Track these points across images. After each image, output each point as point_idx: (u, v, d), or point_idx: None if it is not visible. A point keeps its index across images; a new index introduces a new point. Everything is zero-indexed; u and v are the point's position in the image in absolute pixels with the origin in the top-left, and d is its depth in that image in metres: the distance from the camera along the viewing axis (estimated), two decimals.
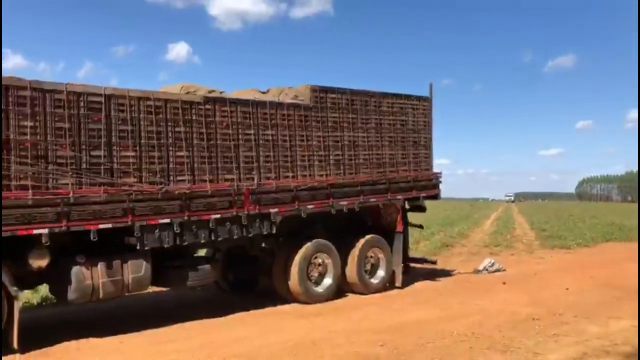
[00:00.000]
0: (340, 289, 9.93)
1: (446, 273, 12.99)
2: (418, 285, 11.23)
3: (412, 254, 13.13)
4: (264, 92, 9.66)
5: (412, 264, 12.08)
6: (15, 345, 6.45)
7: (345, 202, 9.71)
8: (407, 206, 11.44)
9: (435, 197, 11.91)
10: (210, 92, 8.51)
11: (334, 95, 9.77)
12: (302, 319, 8.29)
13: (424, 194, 11.40)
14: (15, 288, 6.51)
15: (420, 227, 12.93)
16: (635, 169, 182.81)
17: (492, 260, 13.59)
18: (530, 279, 11.95)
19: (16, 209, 6.42)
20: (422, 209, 11.90)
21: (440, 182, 11.89)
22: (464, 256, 17.01)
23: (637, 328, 7.37)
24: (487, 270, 13.04)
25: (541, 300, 9.27)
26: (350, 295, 9.99)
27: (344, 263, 9.91)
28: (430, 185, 11.59)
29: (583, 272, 12.74)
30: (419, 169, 11.34)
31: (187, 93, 8.20)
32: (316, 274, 9.47)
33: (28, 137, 6.58)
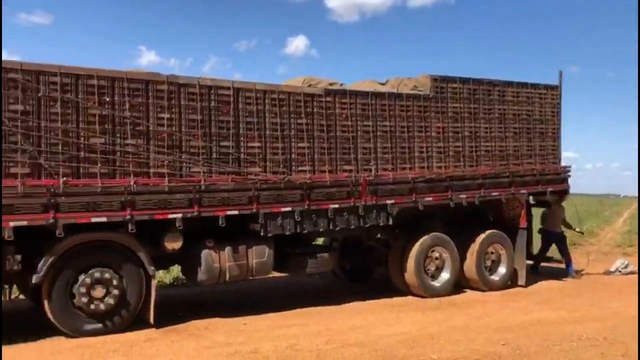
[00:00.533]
0: (458, 285, 9.69)
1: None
2: (543, 284, 10.65)
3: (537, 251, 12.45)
4: (382, 83, 9.63)
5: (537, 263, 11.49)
6: (151, 320, 7.03)
7: (464, 195, 9.43)
8: (532, 201, 10.88)
9: (564, 192, 11.19)
10: (330, 84, 8.65)
11: (455, 85, 9.49)
12: (419, 312, 8.21)
13: (551, 189, 10.75)
14: (152, 268, 7.09)
15: (581, 233, 12.23)
16: None
17: (626, 262, 12.53)
18: None
19: (154, 194, 6.96)
20: (548, 205, 11.26)
21: (569, 176, 11.15)
22: (593, 256, 15.83)
23: None
24: (619, 271, 12.07)
25: None
26: (469, 292, 9.72)
27: (462, 258, 9.64)
28: (557, 180, 10.90)
29: None
30: (545, 162, 10.71)
31: (309, 86, 8.39)
32: (433, 268, 9.31)
33: (165, 128, 7.09)
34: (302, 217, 8.01)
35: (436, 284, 9.34)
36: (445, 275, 9.39)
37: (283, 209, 7.86)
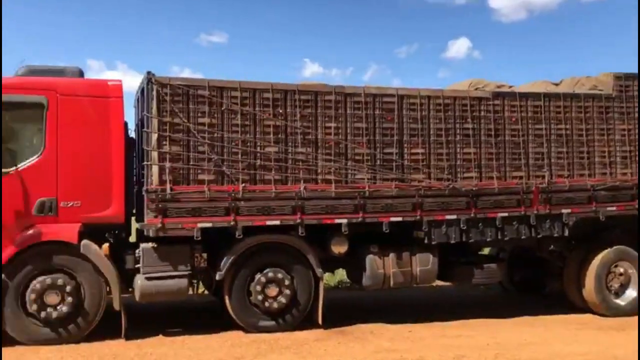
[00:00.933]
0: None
1: None
2: None
3: None
4: (556, 84, 9.00)
5: None
6: (319, 320, 7.32)
7: None
8: None
9: None
10: (498, 87, 8.31)
11: None
12: (600, 331, 7.51)
13: None
14: (320, 270, 7.38)
15: None
16: None
17: None
18: None
19: (322, 200, 7.26)
20: None
21: None
22: None
23: None
24: None
25: None
26: None
27: None
28: None
29: None
30: None
31: (476, 89, 8.15)
32: (617, 285, 8.44)
33: (332, 136, 7.37)
34: (468, 226, 7.77)
35: (621, 302, 8.45)
36: (631, 293, 8.46)
37: (448, 217, 7.70)
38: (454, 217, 7.72)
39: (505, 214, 7.90)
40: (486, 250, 10.00)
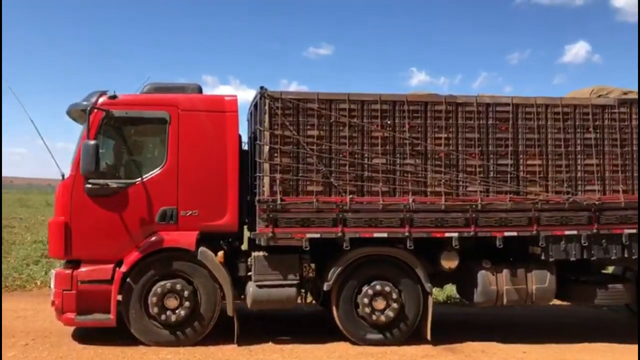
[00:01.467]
0: None
1: None
2: None
3: None
4: None
5: None
6: (428, 336, 7.14)
7: None
8: None
9: None
10: (625, 93, 7.68)
11: None
12: None
13: None
14: (429, 284, 7.21)
15: None
16: None
17: None
18: None
19: (431, 212, 7.09)
20: None
21: None
22: None
23: None
24: None
25: None
26: None
27: None
28: None
29: None
30: None
31: (599, 96, 7.60)
32: None
33: (442, 147, 7.19)
34: (590, 242, 7.25)
35: None
36: None
37: (567, 232, 7.24)
38: (574, 232, 7.25)
39: (633, 231, 7.27)
40: (610, 269, 9.28)
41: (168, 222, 7.03)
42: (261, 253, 7.03)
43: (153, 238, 6.96)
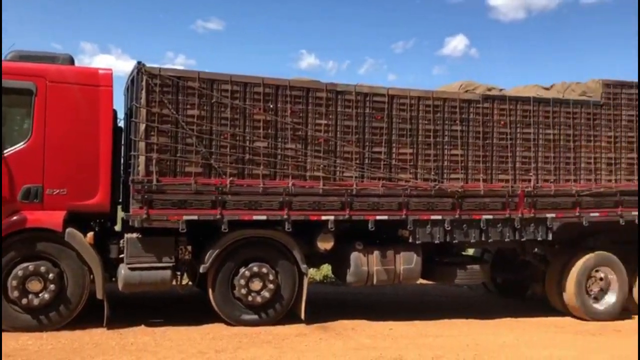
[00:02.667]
0: (626, 310, 8.80)
1: None
2: None
3: None
4: (546, 89, 9.06)
5: None
6: (302, 315, 7.37)
7: (637, 213, 8.52)
8: None
9: None
10: (489, 89, 8.35)
11: (631, 91, 8.62)
12: (578, 336, 7.62)
13: None
14: (305, 265, 7.42)
15: None
16: None
17: None
18: None
19: (310, 196, 7.28)
20: None
21: None
22: None
23: None
24: None
25: None
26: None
27: (631, 281, 8.74)
28: None
29: None
30: None
31: (466, 91, 8.18)
32: (596, 290, 8.56)
33: (322, 133, 7.38)
34: (453, 227, 7.83)
35: (599, 307, 8.57)
36: (610, 299, 8.59)
37: (433, 217, 7.76)
38: (439, 217, 7.78)
39: (490, 217, 7.97)
40: (471, 251, 10.12)
41: (32, 201, 6.59)
42: (134, 235, 6.82)
43: (14, 217, 6.50)
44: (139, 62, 6.72)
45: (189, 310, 7.73)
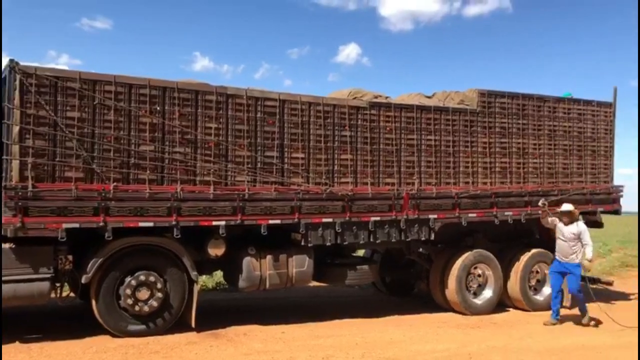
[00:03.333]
0: (502, 304, 9.50)
1: (623, 296, 11.72)
2: (589, 306, 10.28)
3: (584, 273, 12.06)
4: (429, 97, 9.58)
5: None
6: (192, 323, 7.21)
7: (510, 213, 9.25)
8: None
9: (615, 212, 10.82)
10: (376, 97, 8.66)
11: (503, 100, 9.36)
12: (459, 329, 8.09)
13: (601, 209, 10.43)
14: (195, 272, 7.27)
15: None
16: None
17: None
18: None
19: (200, 201, 7.15)
20: (598, 225, 10.89)
21: (621, 196, 10.76)
22: None
23: None
24: None
25: None
26: (512, 311, 9.50)
27: (506, 276, 9.45)
28: (608, 200, 10.55)
29: None
30: (596, 181, 10.39)
31: (354, 98, 8.44)
32: (475, 285, 9.17)
33: (212, 137, 7.28)
34: (343, 229, 8.04)
35: (478, 301, 9.18)
36: (487, 293, 9.22)
37: (324, 220, 7.92)
38: (330, 220, 7.96)
39: (378, 218, 8.28)
40: (361, 252, 10.45)
41: None
42: (7, 245, 6.33)
43: None
44: (11, 60, 6.26)
45: (70, 324, 7.28)
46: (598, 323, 8.59)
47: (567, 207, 8.62)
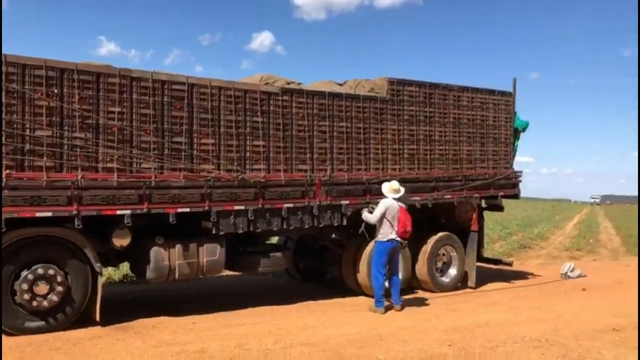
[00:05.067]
0: (410, 286, 9.82)
1: (522, 276, 12.53)
2: (491, 286, 10.90)
3: (487, 254, 12.78)
4: (340, 84, 9.66)
5: (486, 265, 11.75)
6: (97, 317, 6.87)
7: (417, 198, 9.55)
8: (484, 205, 11.12)
9: (515, 196, 11.49)
10: (288, 83, 8.61)
11: (411, 89, 9.61)
12: (371, 312, 8.27)
13: (502, 193, 11.03)
14: (99, 264, 6.92)
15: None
16: None
17: (572, 265, 12.96)
18: (613, 287, 11.30)
19: (102, 189, 6.80)
20: (499, 209, 11.54)
21: (520, 181, 11.44)
22: (542, 259, 16.35)
23: None
24: (566, 275, 12.45)
25: (624, 311, 8.72)
26: (420, 293, 9.86)
27: (414, 260, 9.78)
28: (509, 185, 11.18)
29: None
30: (497, 167, 10.97)
31: (266, 84, 8.34)
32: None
33: (115, 122, 6.93)
34: (256, 216, 7.96)
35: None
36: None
37: (236, 208, 7.80)
38: (242, 207, 7.84)
39: (291, 205, 8.26)
40: (275, 240, 10.43)
41: None
42: None
43: None
44: None
45: None
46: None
47: (394, 185, 8.59)
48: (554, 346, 6.60)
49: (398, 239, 8.30)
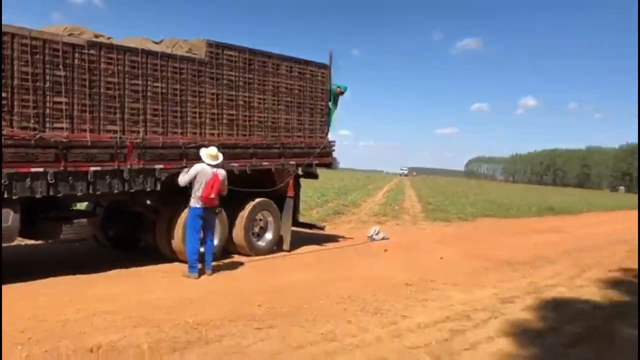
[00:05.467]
0: (227, 251, 9.89)
1: (334, 239, 13.35)
2: (304, 249, 11.44)
3: (304, 219, 13.37)
4: (157, 42, 9.20)
5: (301, 229, 12.29)
6: None
7: (236, 164, 9.58)
8: (300, 172, 11.54)
9: (329, 165, 12.12)
10: (96, 36, 7.95)
11: (230, 53, 9.51)
12: (184, 278, 8.17)
13: (317, 162, 11.55)
14: None
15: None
16: (520, 152, 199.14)
17: (377, 229, 14.14)
18: (411, 248, 12.59)
19: None
20: (314, 176, 12.08)
21: (333, 150, 12.08)
22: (353, 224, 17.57)
23: (497, 295, 8.04)
24: (372, 238, 13.55)
25: (417, 268, 9.81)
26: (236, 257, 9.98)
27: (231, 224, 9.84)
28: (323, 153, 11.74)
29: (458, 244, 13.63)
30: (314, 136, 11.44)
31: (71, 35, 7.61)
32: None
33: None
34: (57, 179, 7.30)
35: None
36: (215, 242, 9.49)
37: (33, 170, 7.08)
38: (40, 170, 7.14)
39: (98, 168, 7.73)
40: (83, 206, 9.73)
41: None
42: None
43: None
44: None
45: None
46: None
47: (212, 151, 8.59)
48: (355, 301, 7.19)
49: (203, 205, 8.24)
